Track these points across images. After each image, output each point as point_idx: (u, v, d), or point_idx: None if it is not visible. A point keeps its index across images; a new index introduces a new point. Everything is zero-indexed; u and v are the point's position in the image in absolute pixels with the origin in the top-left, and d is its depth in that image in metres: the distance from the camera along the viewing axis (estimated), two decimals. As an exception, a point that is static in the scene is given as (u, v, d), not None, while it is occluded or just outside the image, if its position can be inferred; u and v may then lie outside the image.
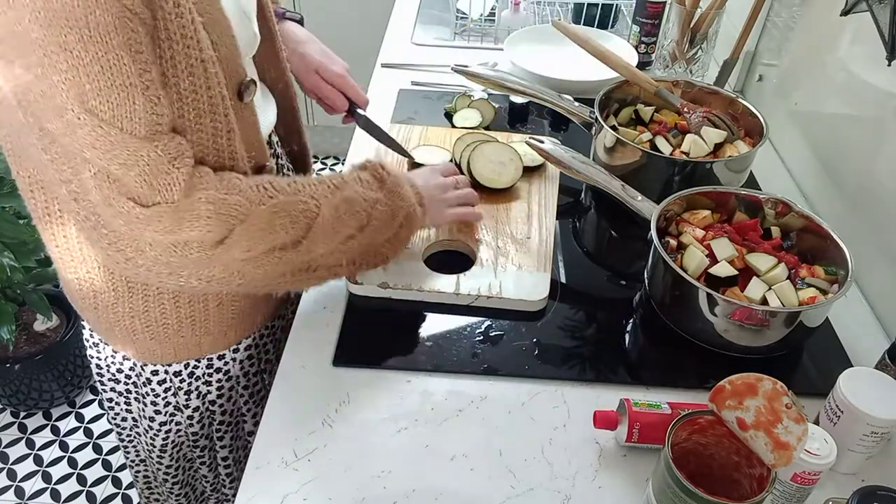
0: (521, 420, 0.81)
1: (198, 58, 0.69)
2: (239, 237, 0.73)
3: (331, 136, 2.75)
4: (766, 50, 1.39)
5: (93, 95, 0.63)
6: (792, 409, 0.60)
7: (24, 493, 1.80)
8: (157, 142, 0.67)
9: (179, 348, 0.93)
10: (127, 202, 0.68)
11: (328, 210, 0.79)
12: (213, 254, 0.73)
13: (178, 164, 0.69)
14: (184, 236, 0.71)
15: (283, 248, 0.77)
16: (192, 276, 0.75)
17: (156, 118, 0.67)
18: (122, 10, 0.61)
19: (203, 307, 0.89)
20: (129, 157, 0.66)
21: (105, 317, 0.89)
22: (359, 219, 0.82)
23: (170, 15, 0.66)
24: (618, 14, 1.68)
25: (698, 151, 1.08)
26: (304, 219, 0.77)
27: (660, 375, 0.87)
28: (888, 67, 0.93)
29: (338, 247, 0.82)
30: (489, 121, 1.29)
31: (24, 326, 1.91)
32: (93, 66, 0.62)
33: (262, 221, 0.74)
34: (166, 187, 0.69)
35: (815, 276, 0.88)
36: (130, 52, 0.63)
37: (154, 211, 0.69)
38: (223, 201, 0.72)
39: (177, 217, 0.70)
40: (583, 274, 1.03)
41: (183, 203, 0.70)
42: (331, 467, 0.76)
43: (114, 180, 0.67)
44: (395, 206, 0.85)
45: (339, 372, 0.86)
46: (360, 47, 1.79)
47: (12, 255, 1.61)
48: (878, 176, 1.01)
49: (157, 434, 1.04)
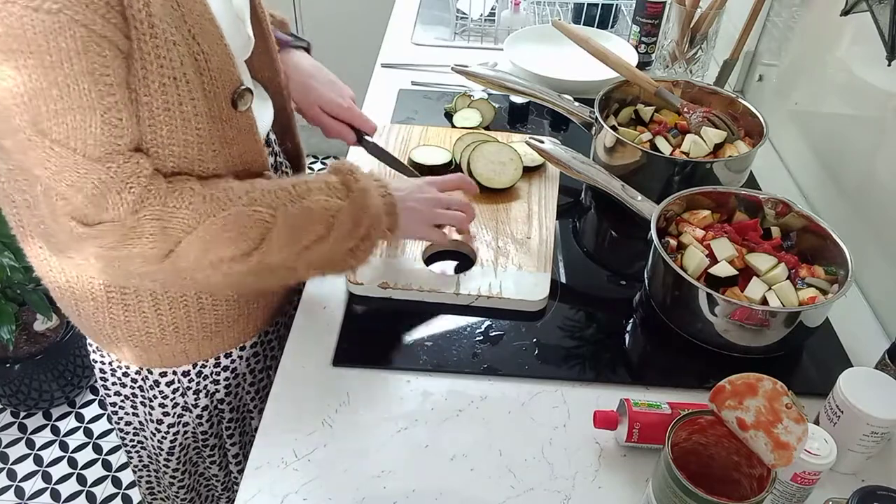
0: (521, 420, 0.81)
1: (170, 76, 0.69)
2: (185, 250, 0.73)
3: (331, 135, 2.75)
4: (766, 50, 1.39)
5: (48, 118, 0.63)
6: (792, 409, 0.60)
7: (24, 493, 1.80)
8: (110, 163, 0.67)
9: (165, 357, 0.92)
10: (70, 221, 0.69)
11: (284, 221, 0.77)
12: (158, 267, 0.73)
13: (130, 183, 0.69)
14: (126, 252, 0.71)
15: (233, 260, 0.75)
16: (145, 280, 0.77)
17: (113, 140, 0.67)
18: (88, 35, 0.61)
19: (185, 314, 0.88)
20: (78, 179, 0.66)
21: (98, 324, 0.89)
22: (317, 230, 0.79)
23: (144, 35, 0.66)
24: (618, 14, 1.68)
25: (698, 151, 1.08)
26: (256, 230, 0.75)
27: (660, 375, 0.87)
28: (888, 67, 0.93)
29: (294, 255, 0.79)
30: (489, 121, 1.29)
31: (24, 326, 1.90)
32: (51, 91, 0.62)
33: (210, 234, 0.73)
34: (113, 207, 0.69)
35: (815, 276, 0.88)
36: (93, 76, 0.63)
37: (98, 230, 0.70)
38: (171, 216, 0.72)
39: (120, 235, 0.70)
40: (583, 274, 1.03)
41: (128, 220, 0.70)
42: (331, 467, 0.76)
43: (61, 198, 0.68)
44: (357, 215, 0.81)
45: (339, 372, 0.86)
46: (360, 47, 1.79)
47: (12, 255, 1.61)
48: (878, 176, 1.01)
49: (166, 437, 1.04)
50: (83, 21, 0.61)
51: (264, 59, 0.94)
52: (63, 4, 0.60)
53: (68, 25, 0.60)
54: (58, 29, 0.60)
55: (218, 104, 0.76)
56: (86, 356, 1.97)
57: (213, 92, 0.75)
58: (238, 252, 0.75)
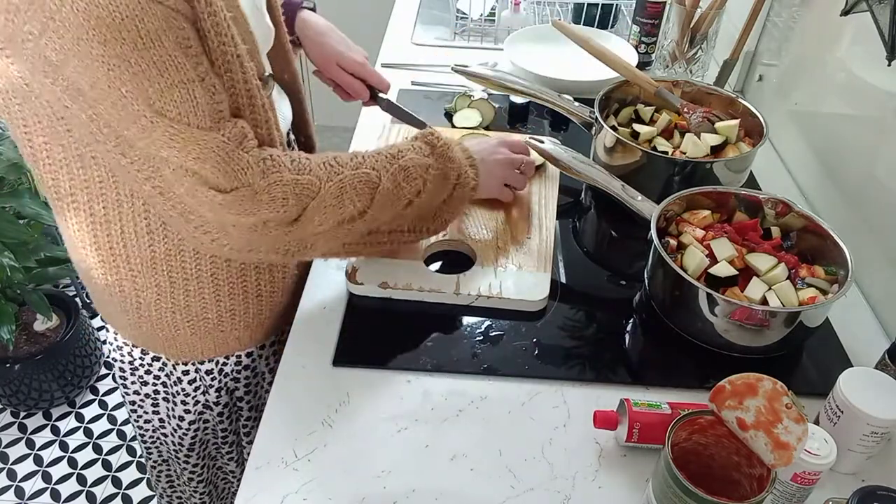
0: (521, 420, 0.81)
1: (233, 53, 0.72)
2: (312, 213, 0.78)
3: (331, 135, 2.75)
4: (766, 50, 1.39)
5: (157, 97, 0.66)
6: (792, 409, 0.60)
7: (24, 493, 1.80)
8: (222, 129, 0.71)
9: (219, 343, 0.95)
10: (209, 191, 0.72)
11: (388, 179, 0.83)
12: (289, 230, 0.78)
13: (244, 146, 0.73)
14: (263, 217, 0.75)
15: (352, 220, 0.82)
16: (270, 251, 0.81)
17: (216, 106, 0.70)
18: (166, 12, 0.64)
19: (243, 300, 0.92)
20: (201, 151, 0.70)
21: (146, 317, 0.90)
22: (415, 184, 0.85)
23: (203, 14, 0.68)
24: (618, 14, 1.68)
25: (697, 151, 1.08)
26: (367, 190, 0.81)
27: (660, 375, 0.87)
28: (888, 67, 0.93)
29: (399, 213, 0.86)
30: (489, 121, 1.29)
31: (24, 326, 1.91)
32: (151, 71, 0.65)
33: (332, 197, 0.79)
34: (241, 171, 0.73)
35: (815, 276, 0.88)
36: (182, 48, 0.66)
37: (234, 196, 0.73)
38: (296, 182, 0.76)
39: (256, 200, 0.74)
40: (583, 274, 1.03)
41: (260, 185, 0.74)
42: (331, 467, 0.76)
43: (193, 173, 0.71)
44: (446, 168, 0.89)
45: (339, 372, 0.86)
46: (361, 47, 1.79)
47: (12, 255, 1.61)
48: (878, 176, 1.01)
49: (187, 433, 1.05)
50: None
51: (278, 50, 0.96)
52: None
53: (148, 6, 0.63)
54: (141, 10, 0.62)
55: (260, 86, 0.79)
56: (86, 356, 1.98)
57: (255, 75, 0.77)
58: (356, 211, 0.81)
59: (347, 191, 0.80)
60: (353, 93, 1.11)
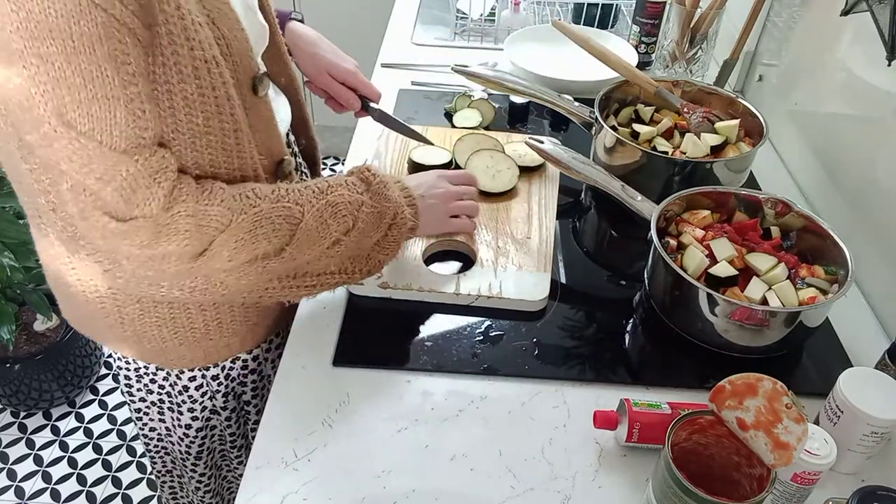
0: (521, 420, 0.81)
1: (202, 58, 0.69)
2: (220, 248, 0.72)
3: (331, 135, 2.75)
4: (766, 50, 1.39)
5: (72, 108, 0.62)
6: (792, 409, 0.60)
7: (24, 493, 1.80)
8: (137, 156, 0.66)
9: (209, 352, 0.93)
10: (102, 216, 0.67)
11: (312, 215, 0.78)
12: (192, 266, 0.72)
13: (159, 178, 0.68)
14: (161, 250, 0.70)
15: (266, 257, 0.76)
16: (174, 287, 0.75)
17: (138, 132, 0.66)
18: (108, 20, 0.60)
19: (229, 308, 0.89)
20: (106, 171, 0.65)
21: (132, 330, 0.88)
22: (344, 223, 0.80)
23: (171, 18, 0.65)
24: (618, 14, 1.68)
25: (697, 151, 1.08)
26: (287, 225, 0.76)
27: (660, 375, 0.87)
28: (888, 67, 0.93)
29: (324, 252, 0.80)
30: (489, 121, 1.29)
31: (24, 326, 1.90)
32: (74, 79, 0.61)
33: (244, 231, 0.73)
34: (144, 202, 0.67)
35: (815, 276, 0.88)
36: (115, 63, 0.62)
37: (130, 225, 0.68)
38: (203, 213, 0.71)
39: (154, 231, 0.69)
40: (583, 274, 1.03)
41: (161, 217, 0.69)
42: (331, 467, 0.76)
43: (90, 193, 0.66)
44: (381, 207, 0.83)
45: (339, 372, 0.86)
46: (360, 47, 1.79)
47: (12, 255, 1.61)
48: (878, 176, 1.01)
49: (194, 441, 1.04)
50: (103, 5, 0.60)
51: (273, 52, 0.95)
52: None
53: (88, 9, 0.59)
54: (79, 12, 0.59)
55: (241, 91, 0.76)
56: (86, 356, 1.98)
57: (236, 78, 0.74)
58: (271, 248, 0.75)
59: (263, 225, 0.74)
60: (345, 103, 1.09)
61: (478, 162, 1.11)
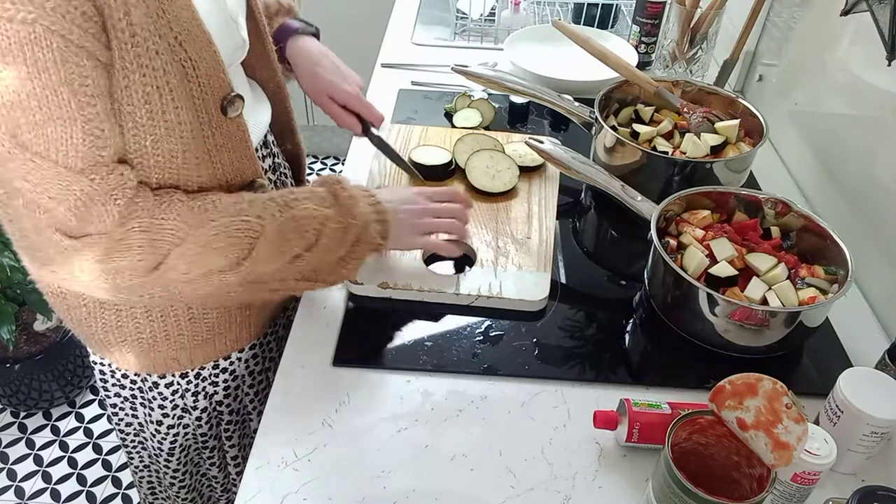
0: (521, 420, 0.81)
1: (153, 84, 0.69)
2: (176, 261, 0.72)
3: (331, 135, 2.75)
4: (766, 50, 1.39)
5: (27, 129, 0.62)
6: (792, 409, 0.60)
7: (24, 493, 1.80)
8: (94, 175, 0.67)
9: (157, 363, 0.92)
10: (55, 233, 0.68)
11: (273, 230, 0.76)
12: (146, 280, 0.72)
13: (115, 195, 0.68)
14: (114, 265, 0.70)
15: (223, 271, 0.75)
16: (132, 296, 0.75)
17: (96, 151, 0.66)
18: (66, 45, 0.61)
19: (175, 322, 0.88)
20: (60, 191, 0.66)
21: (90, 329, 0.89)
22: (307, 238, 0.78)
23: (125, 45, 0.65)
24: (618, 14, 1.68)
25: (697, 151, 1.08)
26: (245, 239, 0.75)
27: (660, 375, 0.87)
28: (888, 67, 0.93)
29: (284, 266, 0.79)
30: (489, 121, 1.29)
31: (24, 326, 1.90)
32: (29, 102, 0.61)
33: (199, 245, 0.73)
34: (99, 218, 0.68)
35: (815, 276, 0.88)
36: (72, 86, 0.63)
37: (84, 242, 0.69)
38: (159, 227, 0.71)
39: (108, 247, 0.69)
40: (583, 274, 1.03)
41: (115, 233, 0.69)
42: (331, 467, 0.76)
43: (44, 211, 0.67)
44: (346, 223, 0.81)
45: (339, 372, 0.86)
46: (360, 47, 1.79)
47: (12, 255, 1.61)
48: (878, 176, 1.01)
49: (165, 437, 1.04)
50: (60, 31, 0.60)
51: (261, 58, 0.94)
52: (38, 14, 0.59)
53: (44, 36, 0.59)
54: (33, 39, 0.59)
55: (207, 111, 0.75)
56: (86, 356, 1.98)
57: (201, 99, 0.74)
58: (227, 263, 0.75)
59: (221, 239, 0.73)
60: (346, 126, 1.08)
61: (477, 162, 1.11)
